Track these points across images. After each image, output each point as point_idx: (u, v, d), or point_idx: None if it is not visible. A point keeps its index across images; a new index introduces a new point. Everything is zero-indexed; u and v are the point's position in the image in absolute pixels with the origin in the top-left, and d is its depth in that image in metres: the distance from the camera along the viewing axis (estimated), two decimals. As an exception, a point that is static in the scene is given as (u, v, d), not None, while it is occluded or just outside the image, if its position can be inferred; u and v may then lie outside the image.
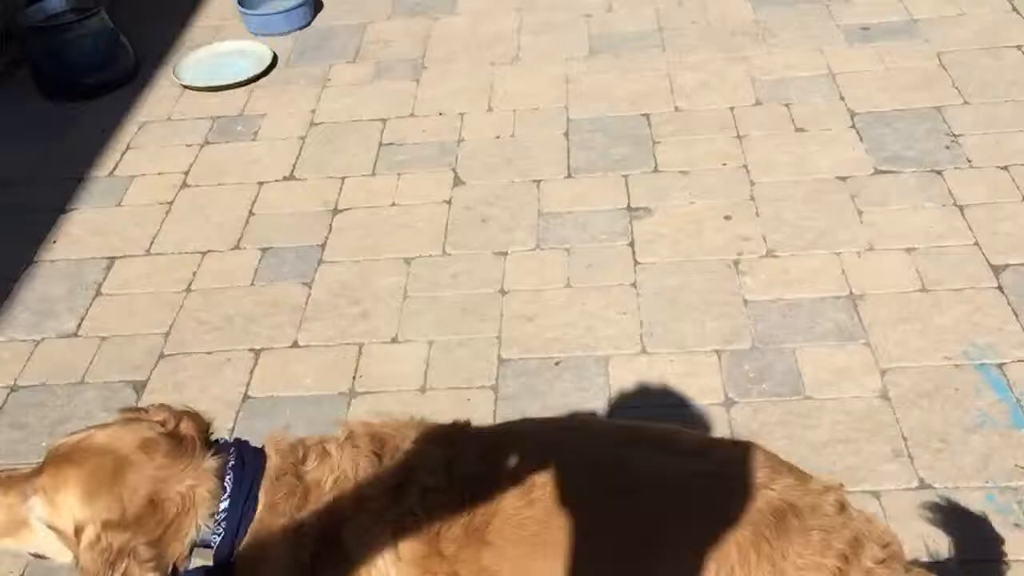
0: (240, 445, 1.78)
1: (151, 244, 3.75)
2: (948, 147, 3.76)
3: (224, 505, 1.66)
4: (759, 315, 3.16)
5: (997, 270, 3.20)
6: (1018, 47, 4.28)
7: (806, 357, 3.00)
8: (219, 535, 1.65)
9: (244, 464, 1.71)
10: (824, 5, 4.78)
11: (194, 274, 3.57)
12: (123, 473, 1.64)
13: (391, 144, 4.18)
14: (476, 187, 3.87)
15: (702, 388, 2.94)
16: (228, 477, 1.69)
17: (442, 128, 4.25)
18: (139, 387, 3.14)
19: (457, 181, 3.91)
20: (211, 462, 1.69)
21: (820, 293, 3.21)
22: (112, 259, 3.70)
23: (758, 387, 2.93)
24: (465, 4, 5.21)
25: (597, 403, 2.94)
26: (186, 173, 4.12)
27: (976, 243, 3.31)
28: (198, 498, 1.65)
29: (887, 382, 2.89)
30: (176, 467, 1.66)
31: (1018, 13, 4.50)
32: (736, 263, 3.37)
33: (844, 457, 2.70)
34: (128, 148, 4.33)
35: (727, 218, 3.57)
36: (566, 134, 4.11)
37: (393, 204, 3.83)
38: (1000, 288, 3.13)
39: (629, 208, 3.66)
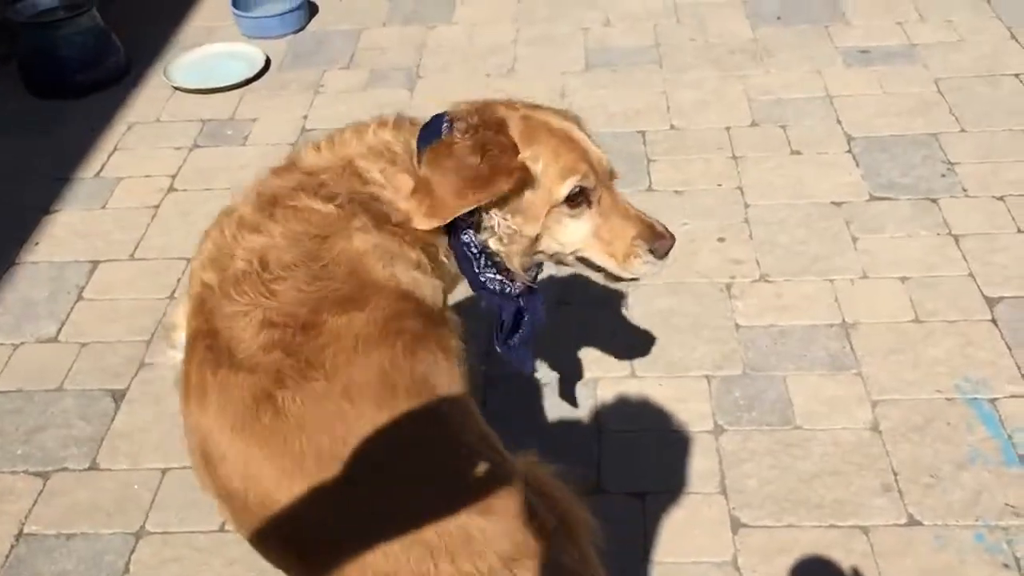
0: None
1: (135, 248, 3.69)
2: (944, 175, 3.74)
3: None
4: (750, 341, 3.13)
5: (991, 302, 3.17)
6: (1016, 75, 4.26)
7: (797, 385, 2.96)
8: None
9: None
10: (823, 26, 4.75)
11: (178, 280, 3.51)
12: None
13: (383, 154, 4.12)
14: (468, 200, 3.82)
15: (691, 414, 2.90)
16: None
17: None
18: (118, 396, 3.07)
19: (449, 194, 3.86)
20: None
21: (813, 320, 3.18)
22: (95, 263, 3.63)
23: (748, 415, 2.90)
24: (462, 13, 5.17)
25: (584, 425, 2.90)
26: (173, 177, 4.06)
27: (970, 274, 3.29)
28: None
29: (878, 414, 2.85)
30: None
31: (1017, 41, 4.48)
32: (728, 287, 3.34)
33: (833, 490, 2.66)
34: (116, 149, 4.27)
35: (720, 240, 3.53)
36: (560, 149, 4.07)
37: (383, 215, 3.78)
38: (994, 321, 3.10)
39: (622, 227, 3.62)
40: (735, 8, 4.98)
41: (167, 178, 4.06)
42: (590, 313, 3.26)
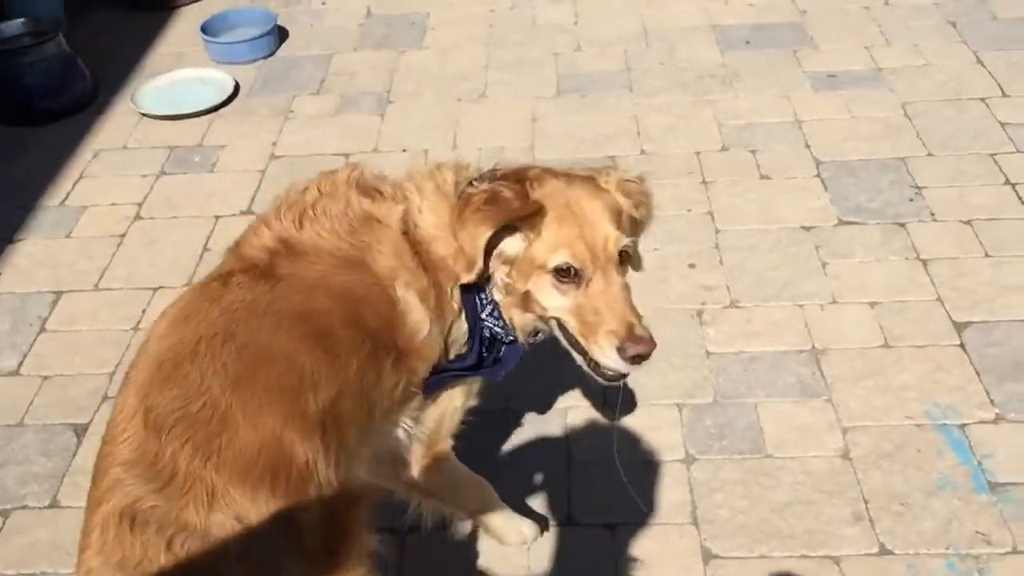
0: None
1: (100, 278, 3.63)
2: (912, 199, 3.76)
3: None
4: (721, 368, 3.12)
5: (959, 327, 3.18)
6: (982, 99, 4.30)
7: (768, 413, 2.96)
8: None
9: None
10: (791, 51, 4.79)
11: (143, 311, 3.46)
12: None
13: (353, 180, 4.10)
14: (438, 227, 3.80)
15: (663, 443, 2.88)
16: None
17: (406, 164, 4.15)
18: (80, 431, 3.01)
19: (419, 220, 3.84)
20: None
21: (783, 346, 3.17)
22: (59, 293, 3.57)
23: (719, 443, 2.88)
24: (433, 38, 5.17)
25: (556, 454, 2.87)
26: (140, 205, 4.01)
27: (939, 298, 3.30)
28: None
29: (848, 441, 2.85)
30: None
31: (982, 65, 4.53)
32: (699, 313, 3.33)
33: (804, 519, 2.64)
34: (81, 177, 4.22)
35: (691, 266, 3.52)
36: (531, 175, 4.06)
37: (352, 243, 3.75)
38: (962, 346, 3.11)
39: (592, 253, 3.61)
40: (704, 32, 5.01)
41: (133, 206, 4.01)
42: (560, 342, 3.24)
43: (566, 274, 1.91)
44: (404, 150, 4.27)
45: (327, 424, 1.76)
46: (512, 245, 1.94)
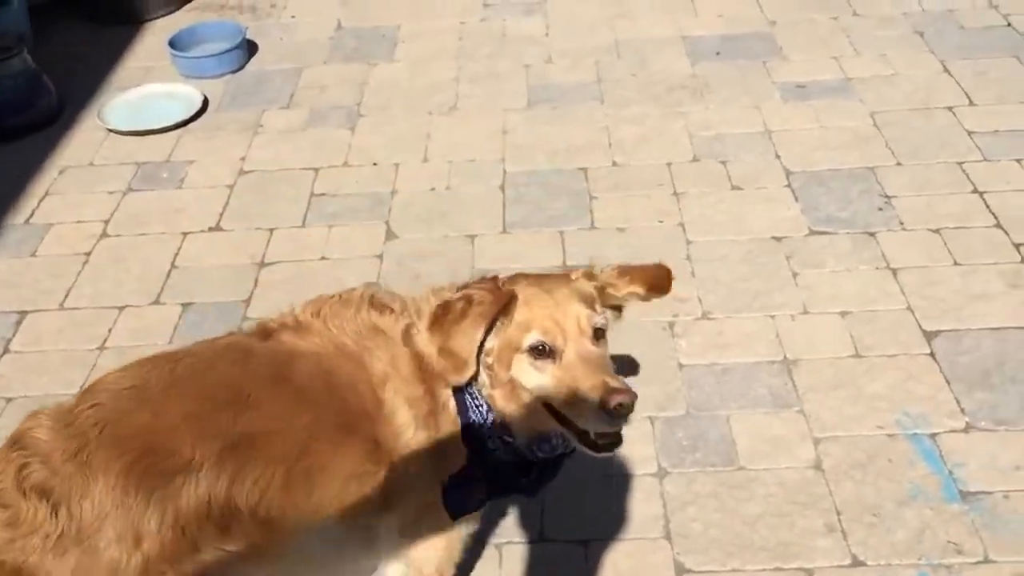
0: None
1: (66, 297, 3.58)
2: (881, 208, 3.78)
3: None
4: (694, 380, 3.11)
5: (929, 336, 3.19)
6: (950, 108, 4.33)
7: (740, 425, 2.95)
8: None
9: None
10: (761, 62, 4.81)
11: (110, 330, 3.41)
12: None
13: (323, 195, 4.07)
14: (409, 241, 3.78)
15: (636, 457, 2.87)
16: None
17: (376, 179, 4.16)
18: (44, 453, 2.96)
19: (390, 234, 3.82)
20: None
21: (755, 357, 3.17)
22: (23, 313, 3.52)
23: (692, 456, 2.87)
24: (403, 51, 5.15)
25: (527, 472, 2.85)
26: (106, 222, 3.97)
27: (909, 307, 3.31)
28: None
29: (820, 452, 2.85)
30: None
31: (950, 74, 4.57)
32: (671, 325, 3.32)
33: (777, 531, 2.64)
34: (47, 194, 4.16)
35: (663, 278, 3.51)
36: (502, 187, 4.05)
37: (323, 258, 3.72)
38: (932, 355, 3.12)
39: (564, 266, 3.60)
40: (675, 44, 5.02)
41: (100, 223, 3.96)
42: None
43: (541, 352, 1.92)
44: (375, 164, 4.25)
45: (239, 446, 1.77)
46: (491, 338, 1.98)
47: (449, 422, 2.01)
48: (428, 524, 2.06)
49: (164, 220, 3.95)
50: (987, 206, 3.73)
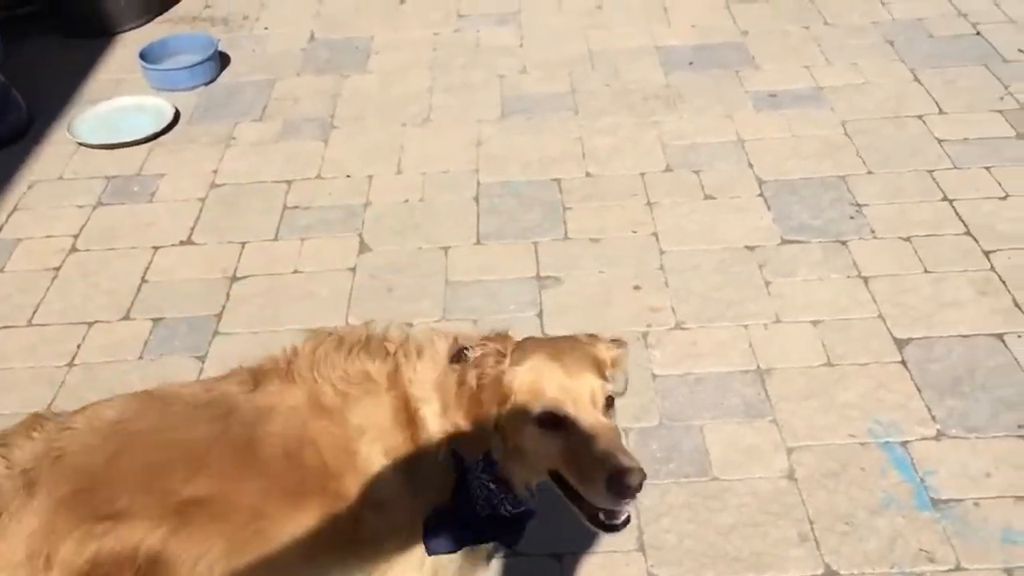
0: None
1: (34, 313, 3.54)
2: (853, 217, 3.80)
3: None
4: (667, 390, 3.11)
5: (900, 344, 3.21)
6: (920, 117, 4.37)
7: (714, 435, 2.95)
8: None
9: None
10: (733, 71, 4.83)
11: (79, 347, 3.37)
12: None
13: (295, 207, 4.05)
14: (382, 254, 3.77)
15: (609, 468, 2.86)
16: None
17: (349, 191, 4.14)
18: (11, 472, 2.92)
19: (363, 247, 3.80)
20: None
21: (728, 367, 3.17)
22: (-9, 329, 3.48)
23: (666, 467, 2.87)
24: (376, 62, 5.14)
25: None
26: (76, 236, 3.93)
27: (880, 315, 3.33)
28: None
29: (793, 461, 2.85)
30: None
31: (920, 83, 4.61)
32: (645, 335, 3.32)
33: (750, 541, 2.64)
34: (16, 209, 4.12)
35: (636, 288, 3.52)
36: (476, 199, 4.04)
37: (295, 271, 3.70)
38: (903, 363, 3.14)
39: (538, 277, 3.60)
40: (648, 54, 5.03)
41: (69, 238, 3.92)
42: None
43: (549, 422, 1.85)
44: (348, 176, 4.23)
45: (186, 505, 1.82)
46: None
47: (432, 465, 1.95)
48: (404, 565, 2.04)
49: (135, 234, 3.91)
50: (957, 214, 3.76)
